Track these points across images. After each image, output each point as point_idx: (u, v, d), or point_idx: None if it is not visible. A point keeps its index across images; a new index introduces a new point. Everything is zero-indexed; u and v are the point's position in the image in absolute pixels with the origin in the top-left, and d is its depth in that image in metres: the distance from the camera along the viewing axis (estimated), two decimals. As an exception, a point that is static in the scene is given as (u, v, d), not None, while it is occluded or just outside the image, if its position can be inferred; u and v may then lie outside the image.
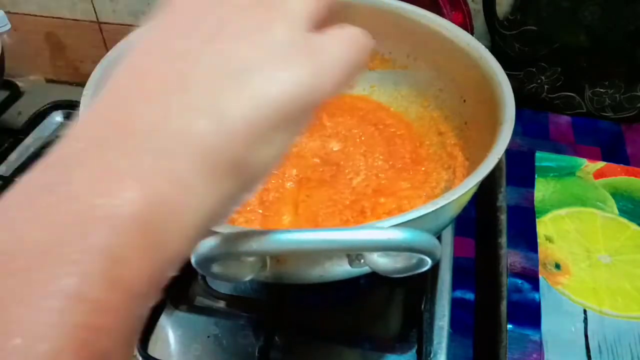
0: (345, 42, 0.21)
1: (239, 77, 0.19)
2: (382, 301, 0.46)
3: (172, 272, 0.19)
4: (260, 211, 0.44)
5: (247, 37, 0.19)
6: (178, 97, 0.18)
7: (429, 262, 0.27)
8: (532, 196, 0.52)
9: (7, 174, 0.55)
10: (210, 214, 0.19)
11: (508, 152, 0.45)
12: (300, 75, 0.19)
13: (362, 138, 0.51)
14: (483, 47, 0.44)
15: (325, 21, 0.22)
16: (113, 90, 0.19)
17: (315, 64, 0.20)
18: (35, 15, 0.77)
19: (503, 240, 0.49)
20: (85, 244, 0.15)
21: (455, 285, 0.47)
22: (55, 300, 0.15)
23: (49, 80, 0.79)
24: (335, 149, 0.50)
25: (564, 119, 0.63)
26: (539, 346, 0.41)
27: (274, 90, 0.19)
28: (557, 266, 0.46)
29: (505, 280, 0.46)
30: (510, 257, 0.47)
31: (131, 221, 0.16)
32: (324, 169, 0.47)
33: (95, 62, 0.42)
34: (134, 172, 0.17)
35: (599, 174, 0.54)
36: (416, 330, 0.43)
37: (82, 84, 0.40)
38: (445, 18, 0.49)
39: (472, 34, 0.60)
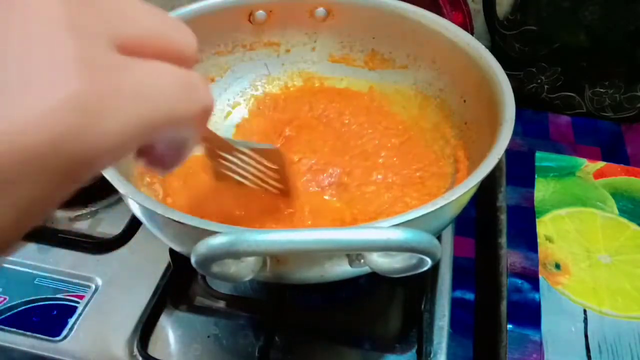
0: (168, 75, 0.15)
1: None
2: (382, 301, 0.46)
3: None
4: None
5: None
6: None
7: (429, 262, 0.27)
8: (532, 196, 0.52)
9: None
10: None
11: (508, 152, 0.45)
12: (68, 94, 0.12)
13: (362, 139, 0.51)
14: (483, 47, 0.44)
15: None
16: None
17: (102, 84, 0.13)
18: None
19: (503, 240, 0.49)
20: None
21: (455, 285, 0.47)
22: None
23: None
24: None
25: (564, 119, 0.63)
26: (539, 346, 0.41)
27: (10, 116, 0.12)
28: (557, 266, 0.46)
29: (505, 280, 0.46)
30: (510, 257, 0.47)
31: None
32: (325, 175, 0.47)
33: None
34: None
35: (599, 174, 0.54)
36: (416, 330, 0.43)
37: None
38: (445, 18, 0.49)
39: (472, 34, 0.60)
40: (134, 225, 0.50)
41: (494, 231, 0.51)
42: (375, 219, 0.43)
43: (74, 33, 0.13)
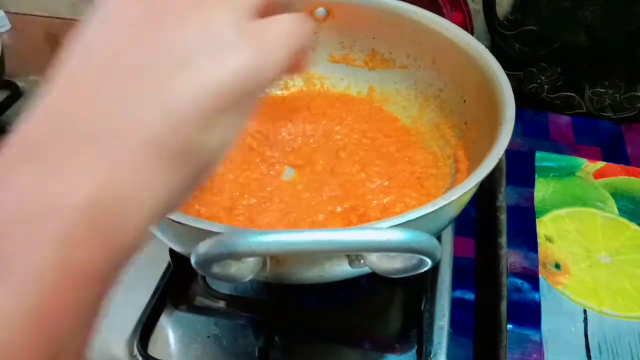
0: (285, 27, 0.22)
1: (184, 63, 0.19)
2: (382, 301, 0.46)
3: (129, 258, 0.19)
4: None
5: (190, 24, 0.20)
6: (123, 87, 0.18)
7: (429, 262, 0.27)
8: (532, 196, 0.52)
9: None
10: (161, 202, 0.19)
11: (508, 152, 0.45)
12: (243, 59, 0.20)
13: (362, 141, 0.51)
14: (483, 47, 0.44)
15: (267, 11, 0.22)
16: (61, 81, 0.19)
17: (257, 48, 0.20)
18: (35, 15, 0.77)
19: (503, 240, 0.49)
20: (38, 232, 0.16)
21: (455, 285, 0.47)
22: (9, 285, 0.16)
23: (49, 80, 0.79)
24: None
25: (564, 119, 0.63)
26: (539, 346, 0.41)
27: (218, 74, 0.19)
28: (557, 266, 0.46)
29: (505, 280, 0.46)
30: (510, 257, 0.47)
31: (82, 209, 0.17)
32: (324, 178, 0.47)
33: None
34: (83, 162, 0.17)
35: (599, 174, 0.54)
36: (416, 330, 0.43)
37: (82, 84, 0.40)
38: (445, 18, 0.49)
39: (472, 34, 0.60)
40: (134, 225, 0.50)
41: (494, 231, 0.51)
42: (377, 219, 0.43)
43: (231, 15, 0.20)
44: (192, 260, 0.26)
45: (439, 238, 0.46)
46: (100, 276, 0.18)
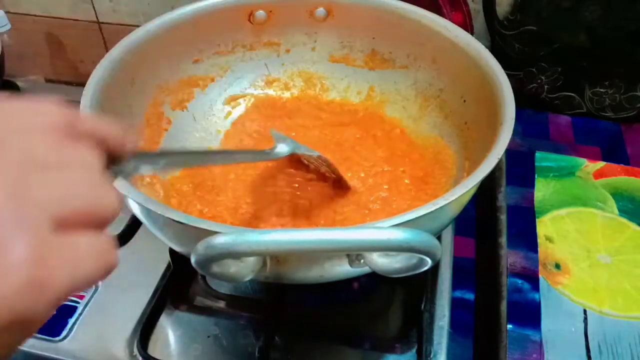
0: (88, 248, 0.19)
1: None
2: (382, 301, 0.46)
3: None
4: None
5: None
6: None
7: (429, 262, 0.27)
8: (532, 196, 0.52)
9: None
10: None
11: (508, 152, 0.45)
12: (24, 280, 0.17)
13: (360, 141, 0.51)
14: (483, 47, 0.44)
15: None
16: None
17: (46, 266, 0.17)
18: (35, 15, 0.77)
19: (503, 240, 0.49)
20: None
21: (455, 285, 0.47)
22: None
23: (48, 80, 0.79)
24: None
25: (564, 119, 0.63)
26: (539, 346, 0.41)
27: None
28: (557, 266, 0.46)
29: (505, 280, 0.46)
30: (510, 257, 0.47)
31: None
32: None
33: (95, 62, 0.42)
34: None
35: (599, 174, 0.54)
36: (416, 330, 0.43)
37: (82, 84, 0.40)
38: (445, 18, 0.49)
39: (472, 34, 0.60)
40: (134, 225, 0.50)
41: (494, 231, 0.51)
42: (376, 219, 0.43)
43: (19, 229, 0.17)
44: (192, 260, 0.26)
45: (439, 238, 0.46)
46: None
